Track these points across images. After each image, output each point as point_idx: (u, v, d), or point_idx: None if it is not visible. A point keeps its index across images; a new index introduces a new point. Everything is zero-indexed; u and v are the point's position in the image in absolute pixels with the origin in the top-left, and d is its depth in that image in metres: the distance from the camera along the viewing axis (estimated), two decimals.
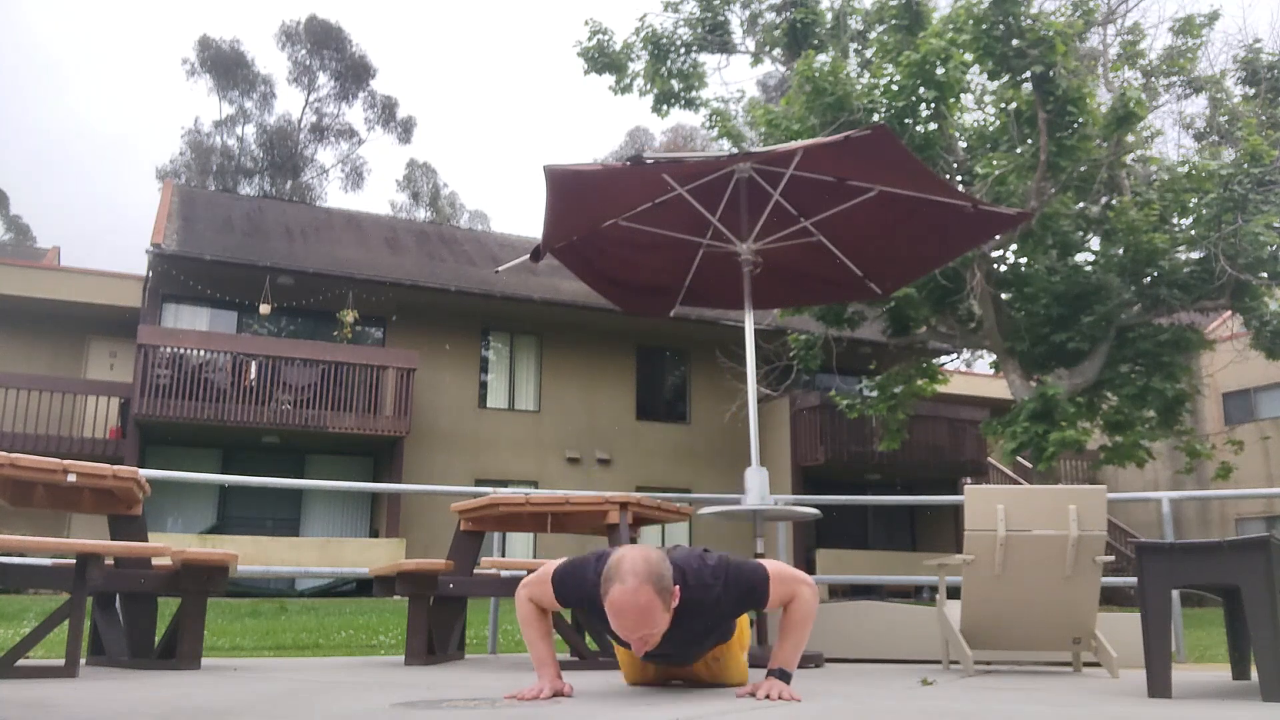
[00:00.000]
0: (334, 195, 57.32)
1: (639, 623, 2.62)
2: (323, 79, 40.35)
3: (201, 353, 15.89)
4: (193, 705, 2.54)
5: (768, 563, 2.91)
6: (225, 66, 38.80)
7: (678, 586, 2.71)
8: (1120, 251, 14.08)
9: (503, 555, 6.98)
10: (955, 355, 18.74)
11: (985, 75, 13.66)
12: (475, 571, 4.83)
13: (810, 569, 18.54)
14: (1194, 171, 13.66)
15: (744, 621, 3.17)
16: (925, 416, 18.84)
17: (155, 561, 4.01)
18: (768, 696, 2.77)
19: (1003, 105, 13.90)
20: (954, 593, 4.43)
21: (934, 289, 14.42)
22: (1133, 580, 3.72)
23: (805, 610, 2.86)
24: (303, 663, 4.78)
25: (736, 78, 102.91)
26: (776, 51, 16.68)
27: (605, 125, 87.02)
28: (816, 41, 15.74)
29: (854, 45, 16.00)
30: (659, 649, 2.84)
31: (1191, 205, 13.83)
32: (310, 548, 15.22)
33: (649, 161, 4.94)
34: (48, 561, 4.29)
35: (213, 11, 66.58)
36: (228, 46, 39.01)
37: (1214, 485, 17.79)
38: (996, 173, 13.17)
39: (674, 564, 2.76)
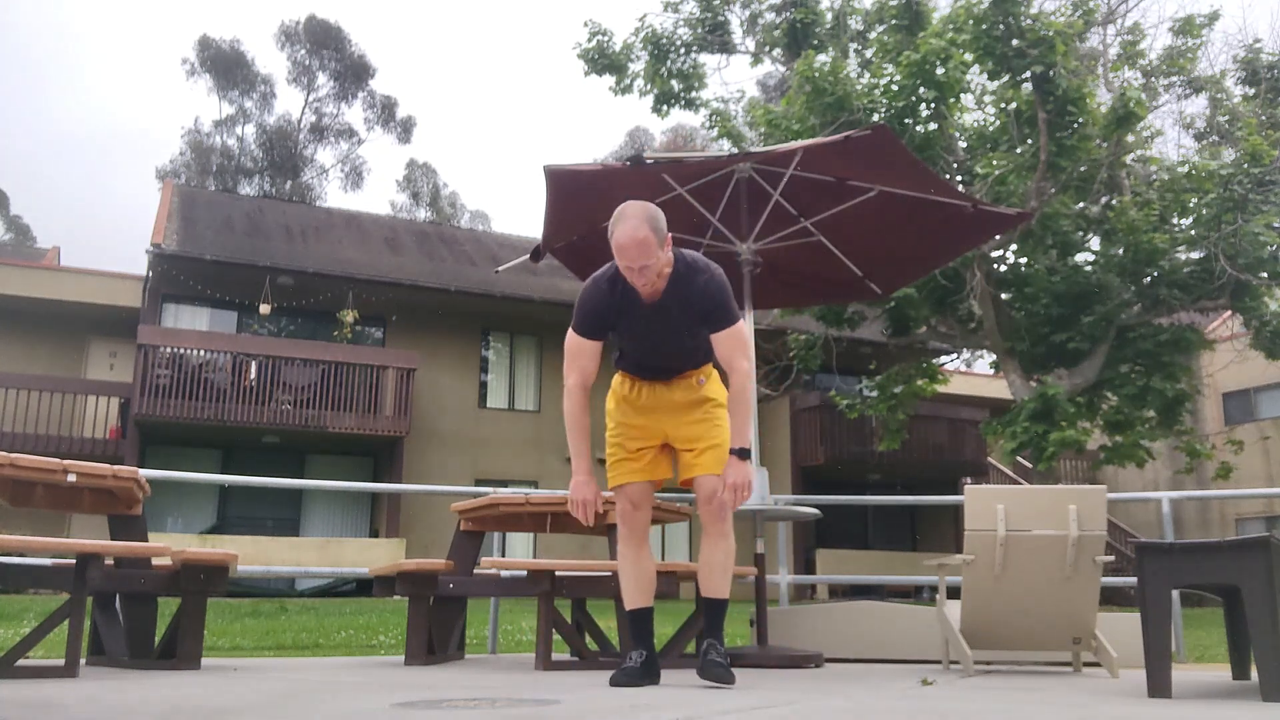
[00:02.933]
0: (334, 195, 57.38)
1: (638, 254, 3.20)
2: (322, 79, 40.35)
3: (201, 353, 15.89)
4: (193, 705, 2.54)
5: (742, 323, 3.42)
6: (225, 66, 38.78)
7: (672, 252, 3.31)
8: (1120, 251, 14.09)
9: (503, 555, 6.98)
10: (955, 355, 18.74)
11: (985, 75, 13.66)
12: (475, 571, 4.83)
13: (810, 569, 18.55)
14: (1194, 171, 13.66)
15: (720, 392, 3.56)
16: (925, 416, 18.84)
17: (155, 561, 4.01)
18: (724, 494, 3.29)
19: (1003, 105, 13.91)
20: (954, 593, 4.43)
21: (934, 289, 14.42)
22: (1133, 580, 3.72)
23: (744, 377, 3.37)
24: (303, 663, 4.78)
25: (736, 78, 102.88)
26: (776, 51, 16.68)
27: (605, 125, 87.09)
28: (816, 41, 15.74)
29: (854, 45, 16.01)
30: (654, 327, 3.38)
31: (1191, 205, 13.83)
32: (310, 548, 15.22)
33: (649, 161, 4.94)
34: (48, 561, 4.29)
35: (212, 11, 66.62)
36: (227, 46, 39.00)
37: (1214, 485, 17.80)
38: (996, 173, 13.17)
39: (675, 249, 3.37)
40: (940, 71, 12.79)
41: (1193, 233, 13.79)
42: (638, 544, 3.48)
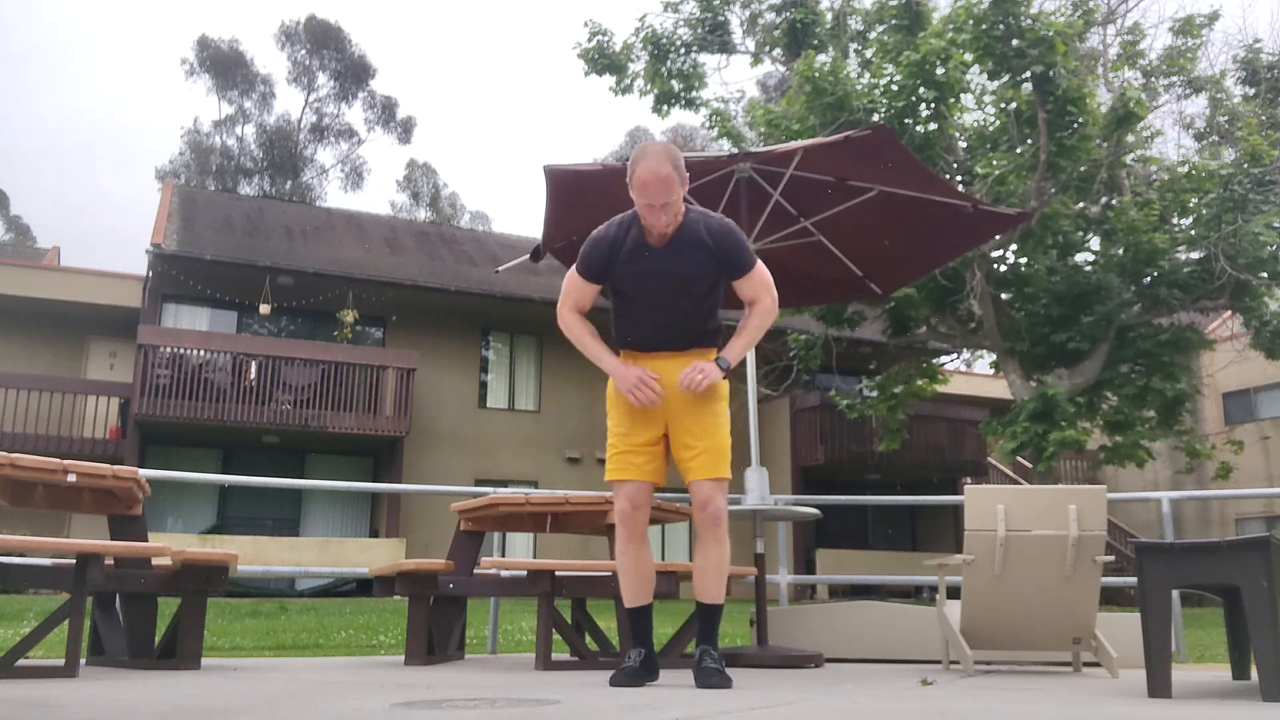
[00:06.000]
0: (334, 195, 57.38)
1: (661, 190, 3.24)
2: (322, 79, 40.34)
3: (201, 353, 15.89)
4: (193, 705, 2.54)
5: (761, 265, 3.46)
6: (224, 66, 38.77)
7: (688, 205, 3.34)
8: (1120, 251, 14.09)
9: (503, 555, 6.97)
10: (955, 355, 18.74)
11: (985, 75, 13.66)
12: (475, 571, 4.83)
13: (810, 569, 18.55)
14: (1194, 171, 13.66)
15: (724, 387, 3.54)
16: (925, 416, 18.83)
17: (155, 561, 4.01)
18: (685, 374, 3.30)
19: (1003, 105, 13.91)
20: (954, 593, 4.43)
21: (934, 289, 14.42)
22: (1133, 580, 3.72)
23: (764, 313, 3.46)
24: (303, 663, 4.78)
25: (736, 78, 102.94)
26: (776, 51, 16.68)
27: (605, 125, 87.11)
28: (816, 41, 15.74)
29: (854, 45, 16.01)
30: (658, 277, 3.37)
31: (1191, 205, 13.84)
32: (310, 548, 15.22)
33: None
34: (48, 561, 4.29)
35: (212, 11, 66.62)
36: (227, 46, 38.99)
37: (1214, 485, 17.80)
38: (996, 173, 13.17)
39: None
40: (940, 71, 12.79)
41: (1193, 233, 13.79)
42: (637, 544, 3.45)
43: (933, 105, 13.21)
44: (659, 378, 3.38)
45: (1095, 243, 14.86)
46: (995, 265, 14.94)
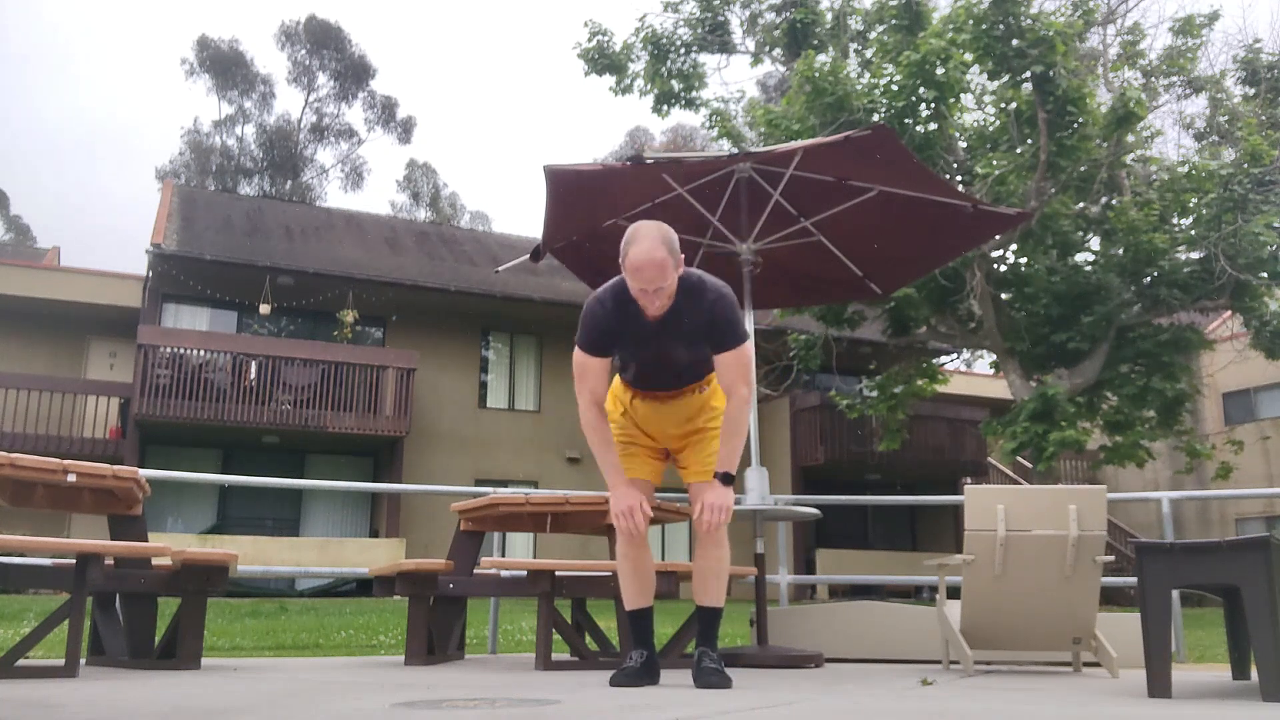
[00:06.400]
0: (334, 195, 57.36)
1: (655, 276, 3.15)
2: (322, 79, 40.33)
3: (201, 353, 15.89)
4: (193, 705, 2.54)
5: (748, 345, 3.40)
6: (224, 66, 38.77)
7: (683, 268, 3.26)
8: (1120, 251, 14.09)
9: (503, 555, 6.97)
10: (955, 355, 18.73)
11: (985, 75, 13.66)
12: (475, 571, 4.83)
13: (810, 569, 18.55)
14: (1194, 171, 13.66)
15: (719, 404, 3.52)
16: (925, 416, 18.83)
17: (155, 561, 4.01)
18: (703, 515, 3.19)
19: (1003, 105, 13.91)
20: (954, 593, 4.43)
21: (934, 289, 14.42)
22: (1133, 580, 3.72)
23: (741, 404, 3.32)
24: (303, 663, 4.78)
25: (736, 78, 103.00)
26: (776, 51, 16.67)
27: (605, 125, 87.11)
28: (816, 41, 15.74)
29: (854, 45, 16.01)
30: (657, 344, 3.33)
31: (1191, 205, 13.84)
32: (310, 548, 15.22)
33: (649, 161, 4.94)
34: (48, 561, 4.29)
35: (211, 11, 66.62)
36: (226, 46, 38.99)
37: (1214, 485, 17.80)
38: (996, 173, 13.16)
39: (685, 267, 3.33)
40: (940, 71, 12.79)
41: (1193, 233, 13.79)
42: (638, 546, 3.46)
43: (933, 105, 13.21)
44: (651, 515, 3.33)
45: (1095, 243, 14.86)
46: (995, 265, 14.94)
